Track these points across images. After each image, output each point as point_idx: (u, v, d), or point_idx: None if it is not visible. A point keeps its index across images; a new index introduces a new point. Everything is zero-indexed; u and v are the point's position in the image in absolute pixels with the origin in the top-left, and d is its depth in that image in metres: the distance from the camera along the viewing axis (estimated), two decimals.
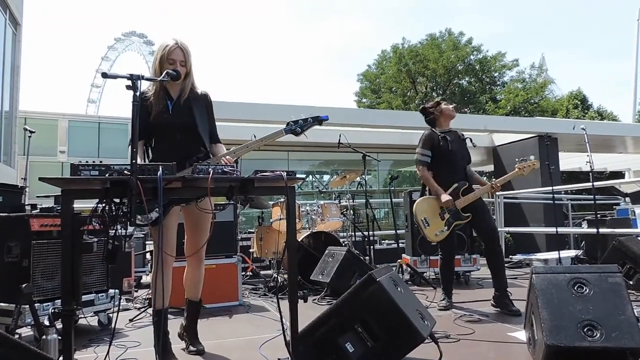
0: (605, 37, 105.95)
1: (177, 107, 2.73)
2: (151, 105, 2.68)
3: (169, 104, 2.72)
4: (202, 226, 2.84)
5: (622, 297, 2.27)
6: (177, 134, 2.70)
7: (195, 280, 2.91)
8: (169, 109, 2.71)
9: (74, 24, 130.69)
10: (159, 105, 2.68)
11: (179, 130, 2.69)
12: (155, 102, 2.68)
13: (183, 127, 2.69)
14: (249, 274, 6.08)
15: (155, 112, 2.67)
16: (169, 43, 2.65)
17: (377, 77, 28.65)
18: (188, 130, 2.71)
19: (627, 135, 11.44)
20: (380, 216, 14.27)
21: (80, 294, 3.12)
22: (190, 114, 2.73)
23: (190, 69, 2.75)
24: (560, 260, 5.66)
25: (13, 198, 4.22)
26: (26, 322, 2.94)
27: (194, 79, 2.81)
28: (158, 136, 2.74)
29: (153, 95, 2.71)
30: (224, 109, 7.50)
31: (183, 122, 2.71)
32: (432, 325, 2.51)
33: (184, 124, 2.70)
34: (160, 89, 2.72)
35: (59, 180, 1.99)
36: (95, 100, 46.01)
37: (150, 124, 2.66)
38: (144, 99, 2.65)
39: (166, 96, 2.73)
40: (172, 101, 2.74)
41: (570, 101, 25.92)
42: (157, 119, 2.67)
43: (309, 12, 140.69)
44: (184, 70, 2.66)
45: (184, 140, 2.69)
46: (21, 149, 10.13)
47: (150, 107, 2.67)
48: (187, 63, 2.71)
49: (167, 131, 2.70)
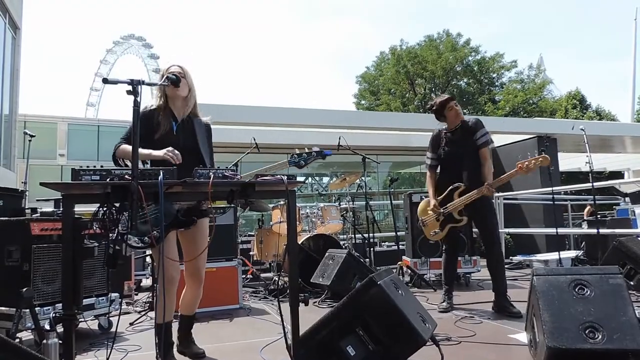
0: (602, 36, 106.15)
1: (181, 128, 2.75)
2: (157, 124, 2.67)
3: (173, 125, 2.73)
4: (200, 245, 2.81)
5: (623, 298, 2.28)
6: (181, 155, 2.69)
7: (194, 300, 2.92)
8: (174, 129, 2.72)
9: (72, 27, 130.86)
10: (165, 125, 2.69)
11: (181, 151, 2.67)
12: (162, 121, 2.69)
13: (187, 149, 2.68)
14: (250, 276, 6.07)
15: (163, 131, 2.67)
16: (166, 65, 2.76)
17: (375, 79, 28.69)
18: (191, 152, 2.70)
19: (626, 135, 11.44)
20: (380, 218, 14.28)
21: (80, 298, 3.13)
22: (193, 137, 2.76)
23: (192, 88, 2.78)
24: (560, 261, 5.65)
25: (13, 202, 4.22)
26: (27, 326, 2.93)
27: (197, 104, 2.84)
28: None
29: (160, 113, 2.71)
30: (223, 112, 7.51)
31: (187, 144, 2.72)
32: (433, 328, 2.51)
33: (187, 146, 2.71)
34: (166, 109, 2.74)
35: (60, 185, 1.99)
36: (95, 103, 46.06)
37: (155, 142, 2.63)
38: (148, 117, 2.65)
39: (172, 117, 2.75)
40: (176, 122, 2.75)
41: (569, 101, 25.96)
42: (163, 138, 2.65)
43: (308, 14, 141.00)
44: (184, 81, 2.68)
45: (186, 162, 2.65)
46: (21, 153, 10.14)
47: (156, 126, 2.67)
48: (187, 78, 2.74)
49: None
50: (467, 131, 4.03)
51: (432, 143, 4.20)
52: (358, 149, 6.14)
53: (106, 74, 39.72)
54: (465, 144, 4.00)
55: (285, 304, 2.31)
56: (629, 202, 8.95)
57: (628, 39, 38.31)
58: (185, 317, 2.94)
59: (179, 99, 2.75)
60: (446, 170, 4.11)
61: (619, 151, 13.48)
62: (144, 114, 2.62)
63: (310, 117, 8.81)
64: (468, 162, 3.97)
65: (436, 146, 4.16)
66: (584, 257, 6.47)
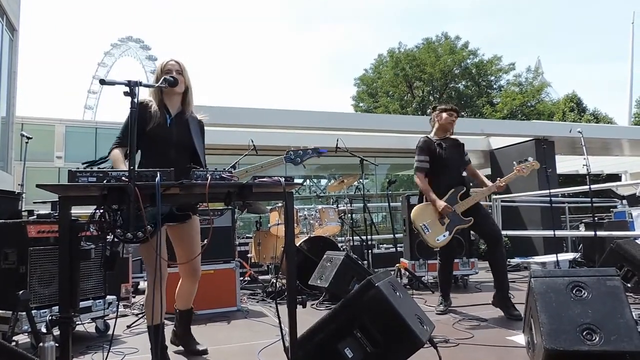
0: (599, 40, 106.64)
1: (175, 122, 2.72)
2: (150, 116, 2.63)
3: (167, 118, 2.70)
4: (196, 240, 2.81)
5: (621, 300, 2.28)
6: (172, 149, 2.66)
7: (190, 292, 2.92)
8: (167, 122, 2.69)
9: (70, 30, 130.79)
10: (158, 118, 2.65)
11: (175, 146, 2.67)
12: (155, 114, 2.65)
13: (180, 143, 2.68)
14: (247, 279, 6.06)
15: (154, 123, 2.63)
16: (164, 60, 2.73)
17: (374, 81, 28.69)
18: (185, 147, 2.70)
19: (623, 138, 11.46)
20: (378, 220, 14.27)
21: (77, 300, 3.11)
22: (187, 133, 2.73)
23: (188, 85, 2.76)
24: (558, 263, 5.66)
25: (10, 204, 4.20)
26: (23, 329, 2.92)
27: (192, 101, 2.81)
28: (151, 148, 2.64)
29: (153, 106, 2.68)
30: (222, 114, 7.49)
31: (181, 138, 2.70)
32: (431, 330, 2.51)
33: (182, 141, 2.69)
34: (160, 103, 2.71)
35: (57, 187, 1.98)
36: (92, 106, 46.00)
37: (147, 134, 2.60)
38: (142, 108, 2.60)
39: (165, 110, 2.72)
40: (170, 116, 2.72)
41: (567, 104, 26.02)
42: (155, 130, 2.62)
43: (307, 17, 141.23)
44: (181, 78, 2.67)
45: (178, 157, 2.65)
46: (18, 155, 10.12)
47: (149, 118, 2.63)
48: (184, 75, 2.72)
49: (162, 145, 2.65)
50: (452, 140, 4.23)
51: (423, 146, 4.17)
52: (356, 151, 6.14)
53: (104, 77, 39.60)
54: (457, 153, 4.18)
55: (283, 306, 2.31)
56: (626, 205, 8.98)
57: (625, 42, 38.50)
58: (183, 312, 2.95)
59: (174, 93, 2.73)
60: (443, 173, 4.08)
61: (616, 154, 13.50)
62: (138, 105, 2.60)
63: (308, 119, 8.81)
64: (459, 167, 4.14)
65: (432, 150, 4.14)
66: (581, 259, 6.48)
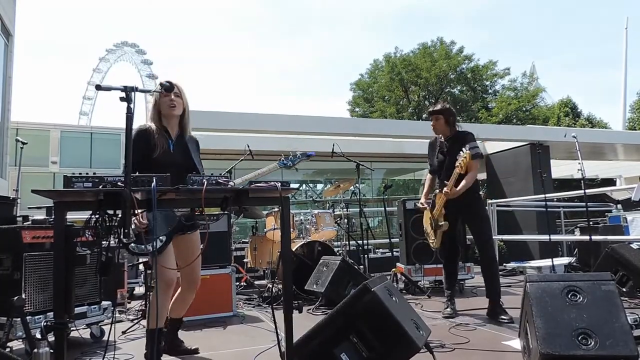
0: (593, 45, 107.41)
1: (176, 146, 2.78)
2: (155, 143, 2.69)
3: (170, 143, 2.76)
4: (197, 249, 2.87)
5: (616, 304, 2.29)
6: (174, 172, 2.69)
7: (187, 302, 2.97)
8: (170, 147, 2.75)
9: (66, 35, 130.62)
10: (162, 144, 2.71)
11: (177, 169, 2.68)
12: (159, 140, 2.70)
13: (182, 166, 2.71)
14: (243, 284, 6.05)
15: (161, 149, 2.69)
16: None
17: (369, 86, 28.79)
18: (187, 168, 2.71)
19: (618, 143, 11.52)
20: (374, 225, 14.28)
21: (72, 306, 3.09)
22: (188, 155, 2.80)
23: (186, 107, 2.81)
24: (553, 267, 5.67)
25: (5, 210, 4.17)
26: (17, 335, 2.90)
27: (190, 123, 2.87)
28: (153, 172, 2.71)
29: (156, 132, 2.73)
30: (217, 119, 7.49)
31: (183, 162, 2.75)
32: (427, 335, 2.51)
33: (184, 163, 2.75)
34: (160, 127, 2.76)
35: (52, 192, 1.98)
36: (87, 112, 45.93)
37: (154, 161, 2.65)
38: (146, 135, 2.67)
39: (167, 135, 2.77)
40: (172, 141, 2.78)
41: (561, 109, 26.18)
42: (161, 157, 2.68)
43: (302, 21, 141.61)
44: (179, 101, 2.73)
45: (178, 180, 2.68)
46: (13, 160, 10.07)
47: (154, 145, 2.68)
48: (183, 98, 2.78)
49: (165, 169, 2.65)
50: (458, 141, 4.03)
51: (428, 147, 4.29)
52: (352, 155, 6.16)
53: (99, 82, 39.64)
54: (459, 150, 3.99)
55: (279, 312, 2.30)
56: (621, 209, 9.00)
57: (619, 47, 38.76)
58: (174, 320, 3.01)
59: (173, 117, 2.79)
60: (441, 173, 4.11)
61: (611, 158, 13.58)
62: (143, 131, 2.68)
63: (304, 124, 8.82)
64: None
65: (433, 150, 4.22)
66: (576, 263, 6.49)
